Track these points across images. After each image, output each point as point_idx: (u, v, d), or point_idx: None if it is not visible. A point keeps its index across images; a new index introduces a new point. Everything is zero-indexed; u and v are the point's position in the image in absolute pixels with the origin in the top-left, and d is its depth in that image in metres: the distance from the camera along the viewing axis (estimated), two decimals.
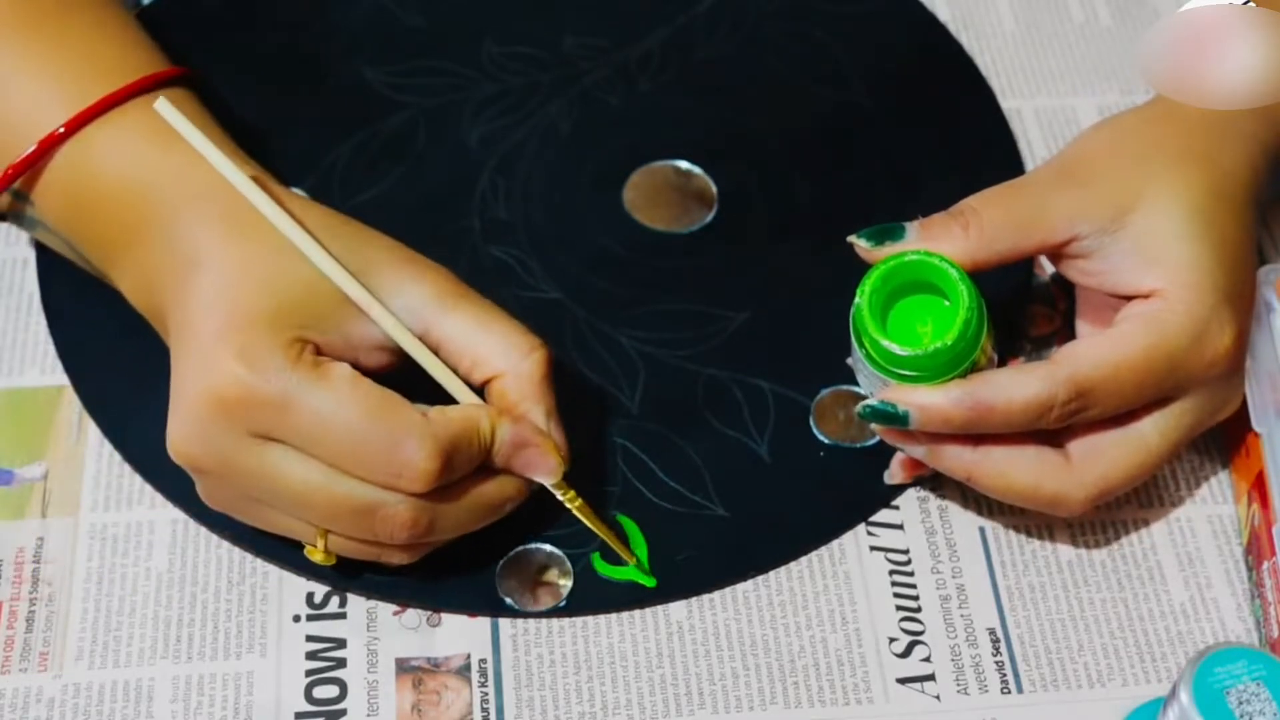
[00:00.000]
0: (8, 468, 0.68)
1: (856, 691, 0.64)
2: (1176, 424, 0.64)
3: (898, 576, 0.67)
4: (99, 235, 0.65)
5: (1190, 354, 0.62)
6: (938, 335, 0.62)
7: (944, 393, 0.61)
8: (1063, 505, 0.64)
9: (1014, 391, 0.61)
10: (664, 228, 0.75)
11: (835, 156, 0.78)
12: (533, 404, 0.62)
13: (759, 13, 0.82)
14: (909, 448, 0.64)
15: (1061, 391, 0.61)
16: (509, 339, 0.62)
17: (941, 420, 0.61)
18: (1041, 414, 0.61)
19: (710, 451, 0.69)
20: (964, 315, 0.61)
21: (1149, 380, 0.62)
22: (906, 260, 0.62)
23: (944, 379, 0.62)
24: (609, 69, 0.80)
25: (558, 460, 0.62)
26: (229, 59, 0.79)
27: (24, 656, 0.64)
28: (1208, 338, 0.62)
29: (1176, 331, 0.62)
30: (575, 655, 0.65)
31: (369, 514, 0.60)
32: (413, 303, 0.62)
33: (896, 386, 0.62)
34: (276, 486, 0.60)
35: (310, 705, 0.63)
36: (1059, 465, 0.63)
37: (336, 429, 0.59)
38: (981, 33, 0.83)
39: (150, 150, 0.64)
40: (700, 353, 0.72)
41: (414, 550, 0.63)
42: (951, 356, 0.61)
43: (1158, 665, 0.65)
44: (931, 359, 0.61)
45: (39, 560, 0.66)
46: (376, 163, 0.76)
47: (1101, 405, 0.62)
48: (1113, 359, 0.62)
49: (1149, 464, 0.64)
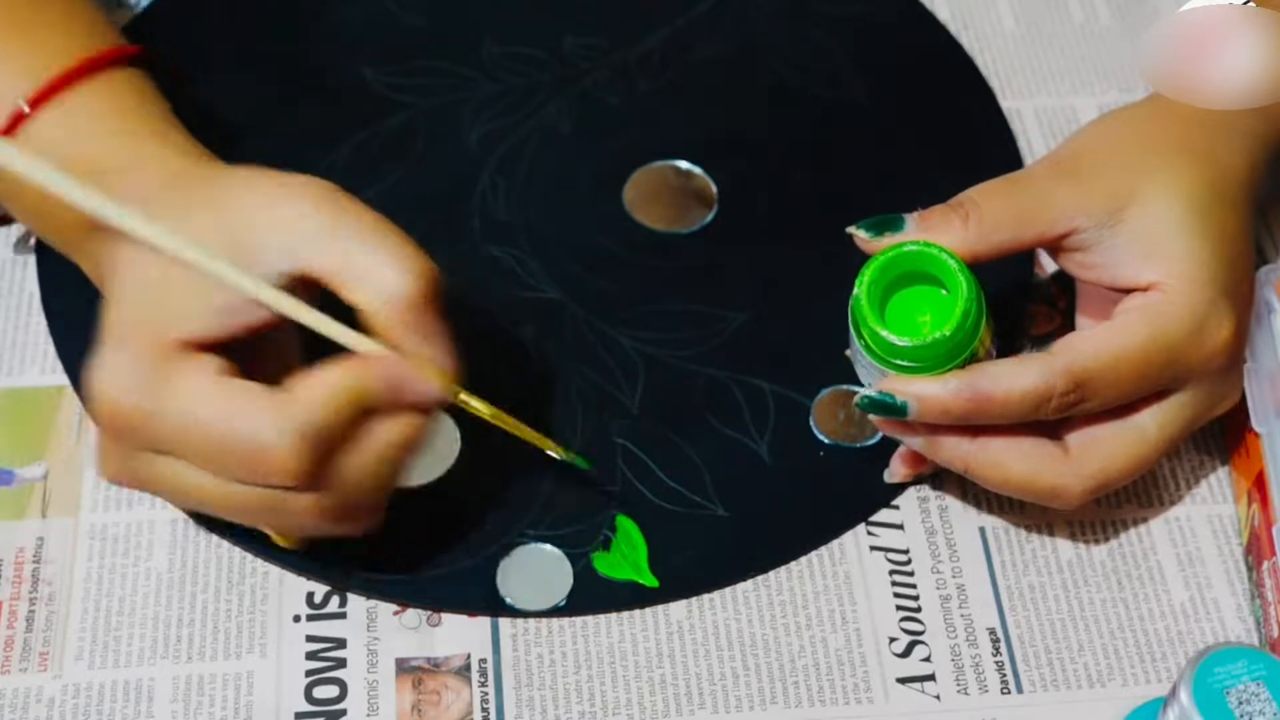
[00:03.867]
0: (8, 468, 0.68)
1: (856, 691, 0.64)
2: (1175, 417, 0.64)
3: (898, 576, 0.67)
4: (54, 220, 0.65)
5: (1189, 346, 0.62)
6: (936, 326, 0.62)
7: (942, 383, 0.61)
8: (1060, 497, 0.64)
9: (1012, 382, 0.61)
10: (664, 228, 0.75)
11: (835, 156, 0.78)
12: (407, 330, 0.60)
13: (759, 13, 0.82)
14: (907, 439, 0.64)
15: (1060, 382, 0.61)
16: (385, 266, 0.60)
17: (940, 410, 0.61)
18: (1040, 405, 0.61)
19: (710, 451, 0.69)
20: (963, 306, 0.61)
21: (1147, 372, 0.62)
22: (905, 251, 0.62)
23: (942, 370, 0.62)
24: (609, 69, 0.80)
25: (435, 376, 0.60)
26: (229, 59, 0.79)
27: (24, 656, 0.64)
28: (1206, 330, 0.62)
29: (1175, 324, 0.62)
30: (575, 655, 0.65)
31: (276, 509, 0.59)
32: (287, 241, 0.59)
33: (895, 377, 0.62)
34: (185, 494, 0.60)
35: (310, 705, 0.63)
36: (1057, 457, 0.63)
37: (196, 438, 0.58)
38: (981, 33, 0.83)
39: (103, 133, 0.63)
40: (700, 353, 0.72)
41: (358, 516, 0.61)
42: (950, 347, 0.61)
43: (1158, 665, 0.65)
44: (930, 349, 0.61)
45: (39, 560, 0.66)
46: (376, 163, 0.76)
47: (1100, 396, 0.62)
48: (1111, 350, 0.62)
49: (1147, 456, 0.64)
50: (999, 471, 0.63)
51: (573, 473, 0.66)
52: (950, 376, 0.61)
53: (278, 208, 0.60)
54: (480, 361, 0.71)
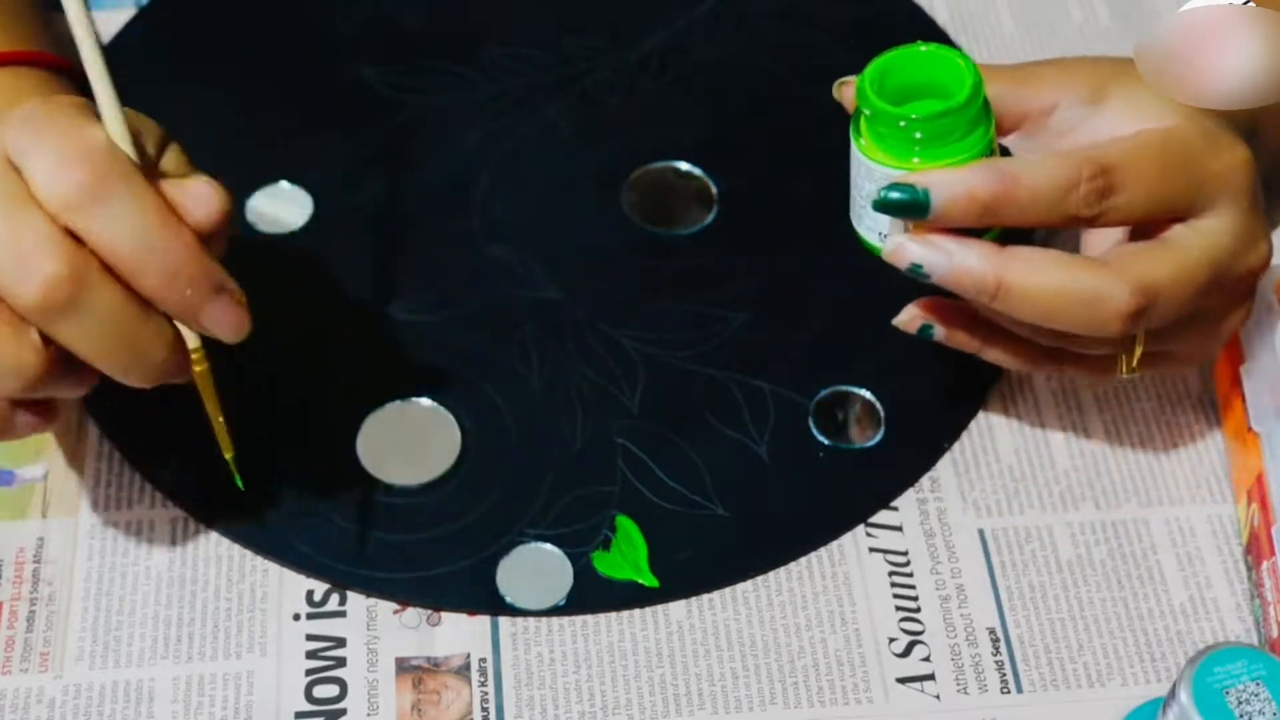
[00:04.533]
0: (8, 468, 0.68)
1: (856, 692, 0.64)
2: (1211, 237, 0.60)
3: (897, 577, 0.67)
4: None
5: (1205, 153, 0.60)
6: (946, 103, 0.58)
7: (966, 169, 0.57)
8: (1105, 304, 0.58)
9: (1038, 168, 0.58)
10: (664, 228, 0.75)
11: (835, 157, 0.78)
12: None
13: (759, 14, 0.82)
14: (929, 257, 0.59)
15: (1086, 167, 0.58)
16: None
17: (966, 199, 0.57)
18: (1069, 191, 0.58)
19: (710, 451, 0.69)
20: (973, 78, 0.58)
21: (1168, 165, 0.59)
22: (902, 51, 0.59)
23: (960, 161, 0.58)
24: (609, 69, 0.80)
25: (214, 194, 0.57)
26: (228, 59, 0.79)
27: (24, 657, 0.64)
28: (1220, 143, 0.61)
29: (1189, 133, 0.60)
30: (575, 654, 0.65)
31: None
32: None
33: (911, 172, 0.58)
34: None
35: (310, 705, 0.63)
36: (1095, 264, 0.59)
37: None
38: (981, 34, 0.83)
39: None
40: (700, 353, 0.72)
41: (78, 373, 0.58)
42: (969, 117, 0.58)
43: (1157, 665, 0.65)
44: (947, 123, 0.58)
45: (39, 560, 0.66)
46: (376, 162, 0.76)
47: (1128, 191, 0.59)
48: (1133, 144, 0.59)
49: (1191, 270, 0.59)
50: (1036, 278, 0.58)
51: (572, 473, 0.66)
52: (972, 164, 0.58)
53: None
54: (480, 361, 0.71)
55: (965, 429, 0.71)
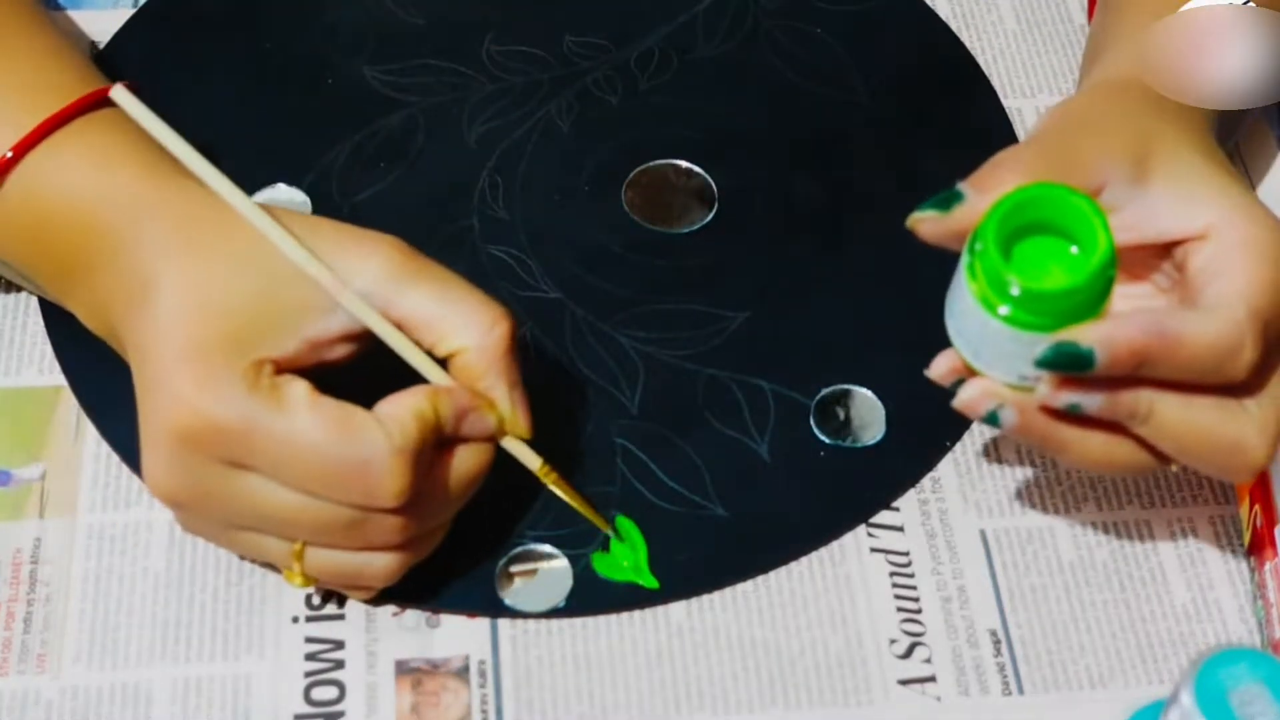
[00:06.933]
0: (5, 468, 0.68)
1: (857, 693, 0.64)
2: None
3: (898, 578, 0.67)
4: (49, 262, 0.64)
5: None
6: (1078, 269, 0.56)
7: (1125, 322, 0.57)
8: (1242, 452, 0.59)
9: (1200, 331, 0.57)
10: (664, 228, 0.75)
11: (835, 156, 0.78)
12: (495, 378, 0.61)
13: (759, 12, 0.82)
14: (1084, 400, 0.58)
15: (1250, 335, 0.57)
16: (471, 313, 0.61)
17: (1129, 352, 0.56)
18: (1230, 358, 0.57)
19: (710, 451, 0.69)
20: (1106, 239, 0.56)
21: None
22: (1027, 194, 0.57)
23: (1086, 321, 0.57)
24: (609, 69, 0.80)
25: (495, 418, 0.61)
26: (228, 58, 0.79)
27: (22, 658, 0.64)
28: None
29: (1273, 252, 0.59)
30: (575, 656, 0.65)
31: (358, 527, 0.60)
32: (369, 284, 0.60)
33: (1070, 328, 0.57)
34: (258, 511, 0.59)
35: (309, 707, 0.63)
36: (1236, 408, 0.59)
37: (300, 457, 0.58)
38: (982, 32, 0.83)
39: (94, 171, 0.63)
40: (700, 353, 0.71)
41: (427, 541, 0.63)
42: (1103, 285, 0.56)
43: (1159, 667, 0.65)
44: (1083, 293, 0.56)
45: (36, 561, 0.66)
46: (376, 162, 0.76)
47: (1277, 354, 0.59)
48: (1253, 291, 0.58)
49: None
50: (1185, 414, 0.58)
51: (572, 473, 0.65)
52: (1129, 317, 0.57)
53: (362, 243, 0.61)
54: None
55: (967, 429, 0.70)
